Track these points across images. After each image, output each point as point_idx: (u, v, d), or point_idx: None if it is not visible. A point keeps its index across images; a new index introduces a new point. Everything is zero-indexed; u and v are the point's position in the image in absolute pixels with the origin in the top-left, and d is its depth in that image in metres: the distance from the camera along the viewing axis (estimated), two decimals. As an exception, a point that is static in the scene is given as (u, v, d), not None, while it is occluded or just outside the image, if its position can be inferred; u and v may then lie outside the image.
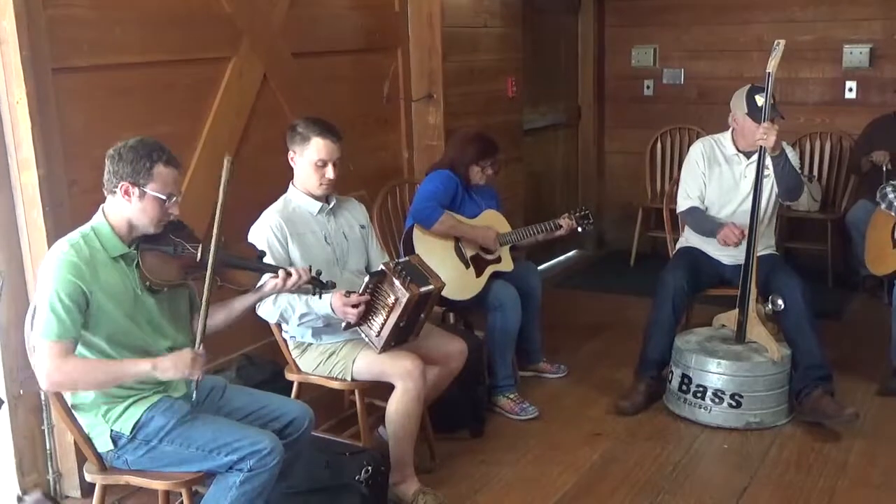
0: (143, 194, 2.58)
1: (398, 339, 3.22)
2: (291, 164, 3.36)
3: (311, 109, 3.80)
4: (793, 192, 4.04)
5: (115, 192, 2.60)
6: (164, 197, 2.60)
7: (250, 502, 2.61)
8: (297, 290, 2.93)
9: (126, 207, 2.61)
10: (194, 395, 2.66)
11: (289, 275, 2.85)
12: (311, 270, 2.92)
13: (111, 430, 2.63)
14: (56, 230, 3.07)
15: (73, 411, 2.65)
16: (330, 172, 3.29)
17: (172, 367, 2.54)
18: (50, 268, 2.52)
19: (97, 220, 2.65)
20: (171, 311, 2.76)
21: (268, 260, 3.13)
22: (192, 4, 3.64)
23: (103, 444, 2.65)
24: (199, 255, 2.67)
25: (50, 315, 2.47)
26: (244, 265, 2.83)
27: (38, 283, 2.58)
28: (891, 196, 4.31)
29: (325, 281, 2.96)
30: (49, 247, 2.94)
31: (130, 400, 2.64)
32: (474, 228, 4.10)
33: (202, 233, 2.79)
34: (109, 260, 2.60)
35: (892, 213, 4.31)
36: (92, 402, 2.63)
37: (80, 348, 2.56)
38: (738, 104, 4.09)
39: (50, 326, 2.47)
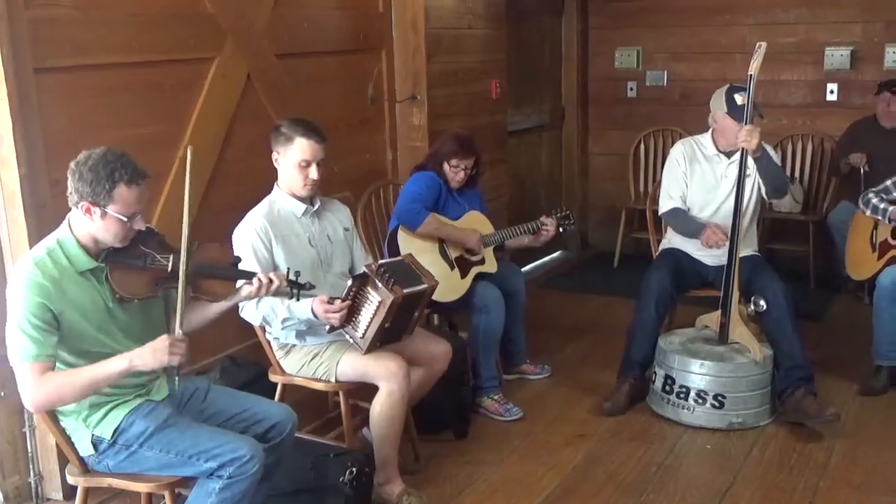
0: (104, 214, 2.50)
1: (384, 340, 3.21)
2: (275, 164, 3.35)
3: (294, 110, 3.80)
4: (780, 189, 4.07)
5: (77, 208, 2.53)
6: (125, 218, 2.52)
7: (231, 509, 2.59)
8: (276, 293, 2.86)
9: (89, 224, 2.53)
10: (177, 385, 2.58)
11: (262, 281, 2.76)
12: (288, 273, 2.87)
13: (92, 435, 2.61)
14: (38, 230, 3.05)
15: (55, 414, 2.62)
16: (314, 173, 3.28)
17: (150, 355, 2.47)
18: (16, 290, 2.46)
19: (63, 232, 2.57)
20: (145, 319, 2.71)
21: (252, 263, 3.11)
22: (175, 5, 3.62)
23: (85, 449, 2.63)
24: (169, 266, 2.59)
25: (23, 338, 2.42)
26: (218, 274, 2.74)
27: (7, 303, 2.50)
28: (874, 201, 4.33)
29: (303, 282, 2.88)
30: (31, 247, 2.92)
31: (111, 404, 2.62)
32: (458, 230, 4.10)
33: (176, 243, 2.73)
34: (77, 275, 2.53)
35: (879, 217, 4.32)
36: (73, 406, 2.60)
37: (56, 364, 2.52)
38: (718, 104, 4.10)
39: (26, 349, 2.43)
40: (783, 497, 3.39)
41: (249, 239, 3.23)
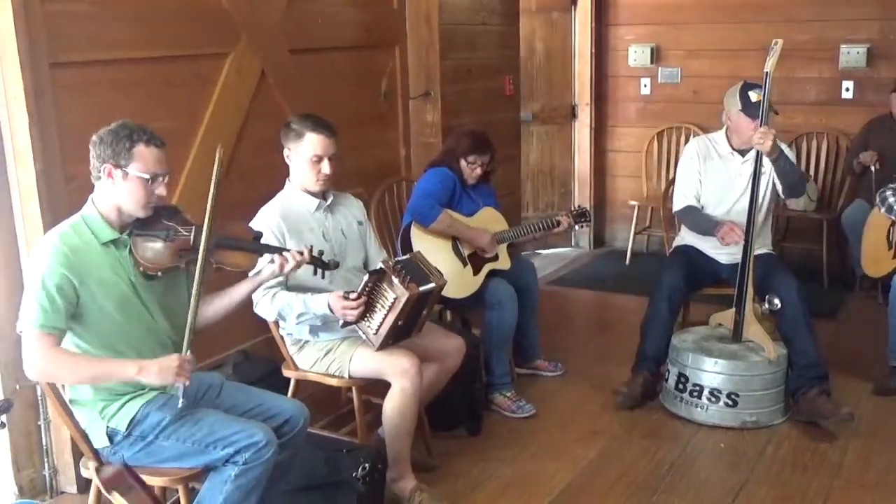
0: (126, 175, 2.57)
1: (396, 337, 3.22)
2: (287, 161, 3.35)
3: (308, 106, 3.79)
4: (795, 189, 4.03)
5: (100, 178, 2.59)
6: (147, 176, 2.58)
7: (245, 496, 2.61)
8: (298, 269, 2.91)
9: (112, 191, 2.59)
10: (180, 403, 2.58)
11: (285, 259, 2.84)
12: (311, 250, 2.90)
13: (107, 427, 2.62)
14: (54, 224, 3.00)
15: (70, 407, 2.64)
16: (326, 168, 3.28)
17: (157, 372, 2.51)
18: (39, 258, 2.51)
19: (86, 209, 2.64)
20: (170, 293, 2.74)
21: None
22: (190, 0, 3.63)
23: (100, 440, 2.64)
24: (192, 238, 2.64)
25: (36, 305, 2.46)
26: (240, 246, 2.79)
27: (27, 272, 2.56)
28: (891, 200, 4.30)
29: (327, 260, 2.92)
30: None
31: (127, 396, 2.64)
32: (470, 229, 4.09)
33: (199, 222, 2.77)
34: (100, 247, 2.58)
35: (892, 217, 4.29)
36: (89, 397, 2.63)
37: (71, 339, 2.55)
38: (732, 101, 4.08)
39: (36, 316, 2.46)
40: (796, 496, 3.38)
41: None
